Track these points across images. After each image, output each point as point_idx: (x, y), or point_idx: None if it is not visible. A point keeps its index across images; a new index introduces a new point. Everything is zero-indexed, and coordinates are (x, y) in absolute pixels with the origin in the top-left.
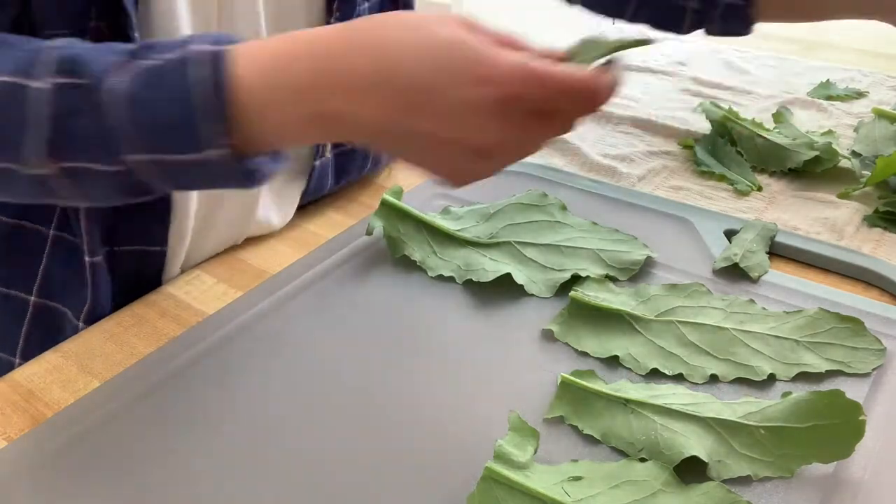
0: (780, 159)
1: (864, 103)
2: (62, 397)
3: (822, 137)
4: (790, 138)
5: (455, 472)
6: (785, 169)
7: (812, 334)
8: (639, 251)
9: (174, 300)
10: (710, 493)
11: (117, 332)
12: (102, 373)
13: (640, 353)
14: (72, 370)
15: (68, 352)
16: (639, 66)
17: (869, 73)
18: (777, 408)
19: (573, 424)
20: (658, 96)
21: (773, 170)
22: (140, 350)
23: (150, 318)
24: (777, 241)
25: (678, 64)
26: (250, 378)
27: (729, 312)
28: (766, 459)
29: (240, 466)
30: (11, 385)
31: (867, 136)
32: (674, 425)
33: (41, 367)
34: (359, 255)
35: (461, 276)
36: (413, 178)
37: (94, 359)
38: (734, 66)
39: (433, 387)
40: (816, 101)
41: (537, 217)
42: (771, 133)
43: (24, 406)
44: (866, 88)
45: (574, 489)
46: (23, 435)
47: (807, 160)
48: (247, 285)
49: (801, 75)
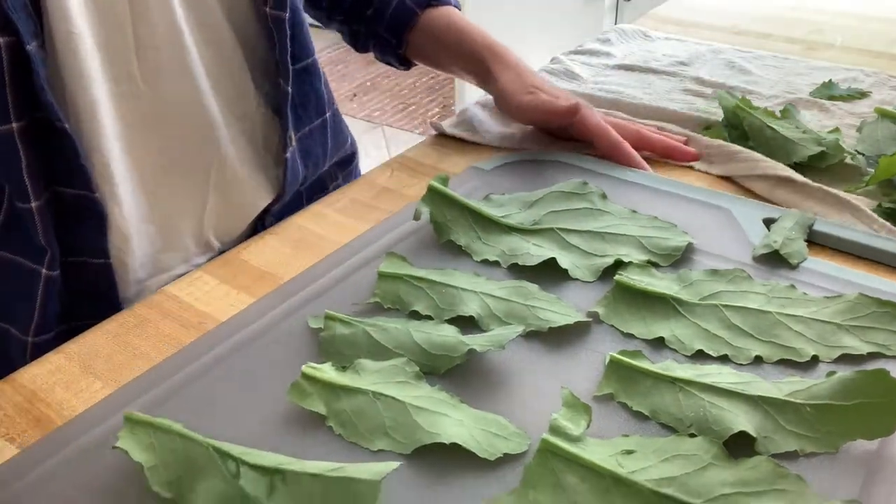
0: (786, 153)
1: (866, 103)
2: (65, 398)
3: (828, 135)
4: (799, 132)
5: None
6: (790, 162)
7: (853, 318)
8: (679, 238)
9: (176, 301)
10: (759, 466)
11: (120, 333)
12: (105, 374)
13: (685, 335)
14: (74, 371)
15: (71, 353)
16: (641, 67)
17: (871, 73)
18: (822, 387)
19: (622, 402)
20: (660, 96)
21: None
22: (142, 351)
23: (152, 318)
24: (814, 230)
25: (680, 64)
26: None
27: (770, 297)
28: (812, 435)
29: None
30: (14, 386)
31: (870, 136)
32: (722, 402)
33: (44, 368)
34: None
35: (506, 261)
36: (414, 178)
37: (97, 359)
38: (736, 66)
39: (484, 363)
40: (819, 101)
41: (578, 205)
42: (780, 124)
43: (27, 407)
44: (869, 88)
45: (627, 461)
46: (35, 443)
47: (812, 155)
48: (249, 286)
49: (803, 75)
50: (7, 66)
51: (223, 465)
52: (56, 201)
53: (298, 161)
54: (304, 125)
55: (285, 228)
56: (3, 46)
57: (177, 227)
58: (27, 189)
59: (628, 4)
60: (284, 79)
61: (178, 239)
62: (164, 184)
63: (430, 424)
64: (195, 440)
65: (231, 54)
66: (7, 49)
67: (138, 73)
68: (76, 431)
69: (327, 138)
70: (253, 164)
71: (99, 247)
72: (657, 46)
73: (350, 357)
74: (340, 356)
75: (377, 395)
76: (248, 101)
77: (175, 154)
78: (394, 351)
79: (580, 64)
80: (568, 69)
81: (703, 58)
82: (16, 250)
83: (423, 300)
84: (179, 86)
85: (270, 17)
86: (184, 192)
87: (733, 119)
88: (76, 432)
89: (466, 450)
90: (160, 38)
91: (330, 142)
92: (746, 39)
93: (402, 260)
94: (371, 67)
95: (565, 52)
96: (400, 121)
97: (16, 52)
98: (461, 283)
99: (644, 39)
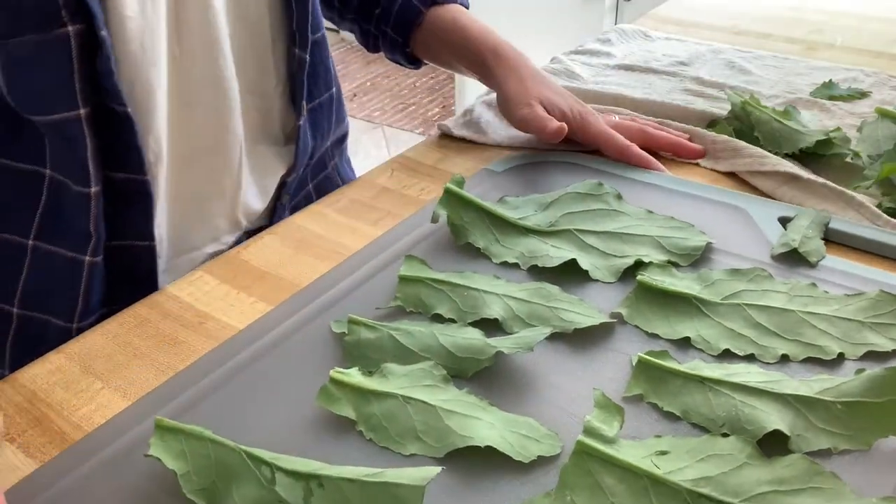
0: (793, 141)
1: (866, 103)
2: (65, 398)
3: (833, 133)
4: (805, 127)
5: None
6: (797, 149)
7: (875, 315)
8: (697, 237)
9: (176, 301)
10: (794, 464)
11: (120, 333)
12: (105, 374)
13: (710, 335)
14: (74, 371)
15: (71, 353)
16: (641, 67)
17: (871, 72)
18: (852, 384)
19: (652, 402)
20: (660, 96)
21: (787, 152)
22: (143, 351)
23: (152, 319)
24: (830, 228)
25: (680, 64)
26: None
27: (792, 296)
28: (845, 433)
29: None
30: (14, 386)
31: (870, 136)
32: (753, 401)
33: (44, 369)
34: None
35: (525, 263)
36: (415, 178)
37: (97, 360)
38: (736, 66)
39: (509, 365)
40: (819, 101)
41: (594, 206)
42: (788, 118)
43: (27, 407)
44: (869, 88)
45: (663, 462)
46: (58, 455)
47: (820, 141)
48: (249, 286)
49: (803, 75)
50: (77, 53)
51: (258, 471)
52: (107, 186)
53: (308, 133)
54: (315, 98)
55: (285, 228)
56: (73, 34)
57: (210, 206)
58: (90, 174)
59: (628, 4)
60: (302, 48)
61: (210, 218)
62: (199, 163)
63: (462, 428)
64: (227, 446)
65: (257, 30)
66: (77, 36)
67: (179, 53)
68: (101, 442)
69: (332, 112)
70: (269, 140)
71: (146, 230)
72: (657, 46)
73: (376, 361)
74: (366, 360)
75: (407, 398)
76: (268, 79)
77: (204, 134)
78: (420, 354)
79: (580, 64)
80: (568, 69)
81: (704, 58)
82: (57, 240)
83: (446, 303)
84: (210, 65)
85: None
86: (216, 171)
87: (741, 112)
88: (101, 442)
89: (498, 453)
90: (196, 16)
91: (334, 116)
92: (746, 39)
93: (421, 263)
94: (371, 67)
95: (565, 52)
96: (400, 121)
97: (85, 39)
98: (482, 285)
99: (644, 39)
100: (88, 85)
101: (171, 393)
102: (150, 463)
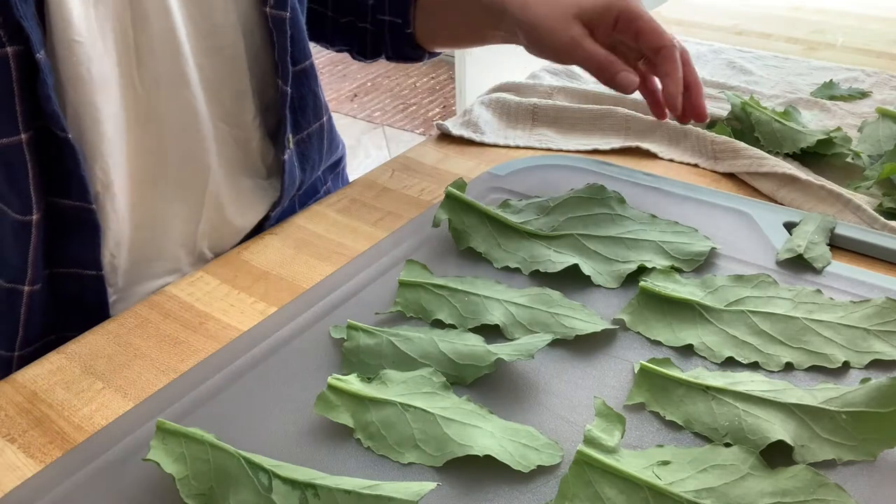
0: (793, 141)
1: (867, 103)
2: (66, 398)
3: (833, 133)
4: (805, 128)
5: None
6: (798, 149)
7: (881, 323)
8: (701, 243)
9: (177, 301)
10: (798, 475)
11: (120, 334)
12: (106, 374)
13: (713, 342)
14: (75, 371)
15: (72, 353)
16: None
17: (872, 72)
18: (857, 393)
19: (654, 411)
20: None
21: (787, 152)
22: (143, 351)
23: (153, 319)
24: (835, 233)
25: None
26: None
27: (797, 302)
28: (849, 444)
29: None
30: (14, 386)
31: (871, 136)
32: (756, 411)
33: (44, 369)
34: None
35: (527, 268)
36: (415, 178)
37: (98, 360)
38: (737, 66)
39: (510, 372)
40: (820, 101)
41: (597, 210)
42: (788, 118)
43: (28, 407)
44: (869, 88)
45: (664, 472)
46: (59, 458)
47: (820, 140)
48: (249, 286)
49: (804, 75)
50: (16, 76)
51: (255, 478)
52: (50, 213)
53: (296, 165)
54: (303, 129)
55: (285, 228)
56: (11, 56)
57: (170, 236)
58: (31, 201)
59: None
60: (283, 80)
61: (169, 248)
62: (158, 193)
63: (461, 436)
64: (227, 451)
65: (230, 61)
66: (15, 58)
67: (138, 80)
68: (102, 445)
69: (324, 142)
70: (248, 174)
71: (92, 258)
72: None
73: (374, 367)
74: (364, 366)
75: (405, 406)
76: (245, 111)
77: (170, 163)
78: (419, 361)
79: None
80: (568, 69)
81: (704, 58)
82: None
83: (446, 308)
84: (176, 94)
85: (271, 17)
86: (178, 202)
87: (741, 113)
88: (102, 446)
89: (498, 462)
90: (158, 45)
91: (326, 145)
92: (747, 39)
93: (421, 268)
94: (371, 67)
95: None
96: (400, 121)
97: (24, 61)
98: (483, 290)
99: None
100: (30, 109)
101: (170, 397)
102: (148, 468)
